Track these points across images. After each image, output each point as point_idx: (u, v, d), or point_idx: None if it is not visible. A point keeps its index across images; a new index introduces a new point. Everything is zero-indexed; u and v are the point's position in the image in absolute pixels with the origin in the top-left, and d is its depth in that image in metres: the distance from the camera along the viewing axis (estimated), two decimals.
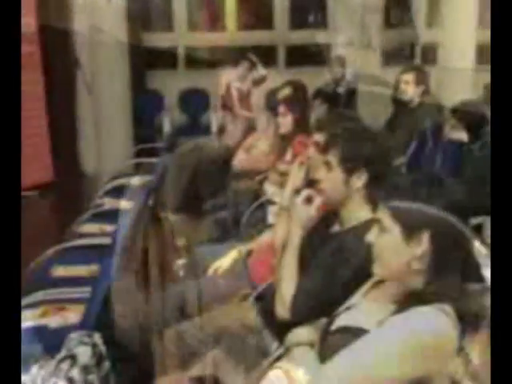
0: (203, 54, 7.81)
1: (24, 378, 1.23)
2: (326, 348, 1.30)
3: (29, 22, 4.58)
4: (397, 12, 7.96)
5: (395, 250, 1.26)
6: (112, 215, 2.83)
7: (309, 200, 1.72)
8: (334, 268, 1.57)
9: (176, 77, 6.55)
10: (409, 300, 1.22)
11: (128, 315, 1.75)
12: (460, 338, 1.07)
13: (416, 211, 1.23)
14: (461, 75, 4.54)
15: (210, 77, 6.34)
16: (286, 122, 3.09)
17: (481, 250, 2.18)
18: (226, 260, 2.26)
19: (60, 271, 2.39)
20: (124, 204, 2.94)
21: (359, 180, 1.64)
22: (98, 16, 4.56)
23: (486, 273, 1.87)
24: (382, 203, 1.30)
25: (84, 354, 1.19)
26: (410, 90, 3.68)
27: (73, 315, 1.81)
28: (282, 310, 1.60)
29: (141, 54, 6.16)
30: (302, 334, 1.34)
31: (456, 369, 0.84)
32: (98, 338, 1.27)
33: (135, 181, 3.27)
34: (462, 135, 2.91)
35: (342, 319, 1.34)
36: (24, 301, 1.95)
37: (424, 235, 1.22)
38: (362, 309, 1.34)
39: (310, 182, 1.83)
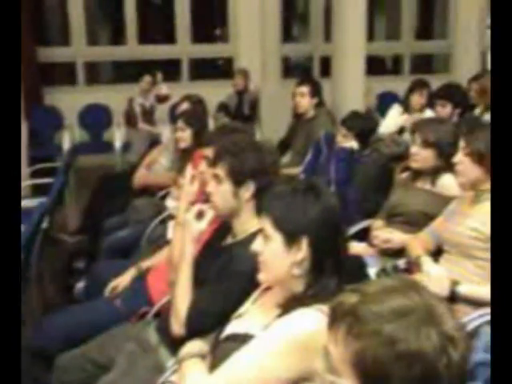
0: (103, 69, 7.65)
1: None
2: (217, 357, 1.32)
3: None
4: (296, 26, 8.28)
5: (277, 257, 1.31)
6: None
7: (200, 214, 1.74)
8: (227, 280, 1.59)
9: (75, 93, 6.35)
10: (291, 303, 1.27)
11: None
12: None
13: (295, 218, 1.29)
14: (352, 86, 4.79)
15: (112, 92, 6.22)
16: (185, 136, 3.11)
17: (366, 252, 2.33)
18: (125, 278, 2.22)
19: None
20: None
21: (247, 192, 1.68)
22: None
23: (371, 272, 2.00)
24: (264, 212, 1.35)
25: None
26: (306, 102, 3.83)
27: None
28: (177, 326, 1.59)
29: (36, 69, 5.92)
30: (193, 346, 1.35)
31: (318, 364, 0.89)
32: None
33: (29, 203, 3.12)
34: (352, 143, 3.07)
35: (231, 327, 1.37)
36: None
37: (303, 241, 1.28)
38: (250, 315, 1.38)
39: (207, 196, 1.85)
